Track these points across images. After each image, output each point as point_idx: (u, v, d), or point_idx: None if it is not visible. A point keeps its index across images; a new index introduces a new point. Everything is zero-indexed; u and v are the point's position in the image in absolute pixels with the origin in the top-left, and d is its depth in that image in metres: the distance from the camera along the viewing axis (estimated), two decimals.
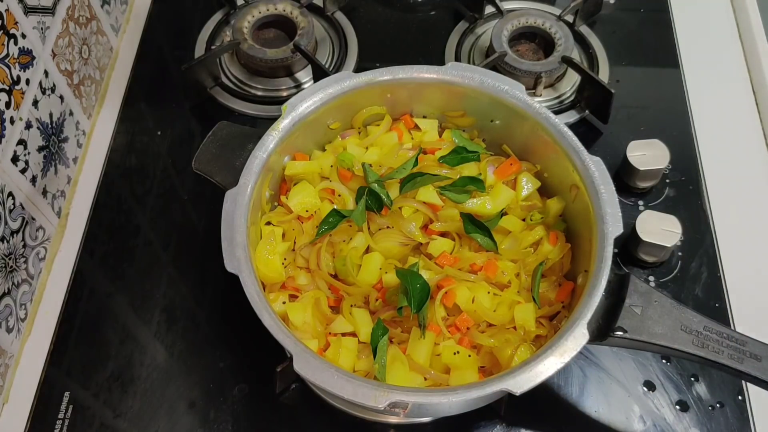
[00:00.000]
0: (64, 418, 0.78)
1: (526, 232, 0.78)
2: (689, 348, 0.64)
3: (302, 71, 1.04)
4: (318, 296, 0.74)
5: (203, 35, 1.08)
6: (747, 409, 0.78)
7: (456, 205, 0.78)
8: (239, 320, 0.80)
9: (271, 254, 0.74)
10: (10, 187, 0.79)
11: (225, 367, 0.81)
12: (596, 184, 0.71)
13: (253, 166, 0.73)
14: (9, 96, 0.78)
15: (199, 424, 0.78)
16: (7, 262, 0.78)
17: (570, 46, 1.00)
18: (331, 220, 0.75)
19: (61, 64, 0.90)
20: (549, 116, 0.76)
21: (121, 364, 0.81)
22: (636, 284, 0.67)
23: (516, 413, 0.77)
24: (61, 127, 0.91)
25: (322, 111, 0.79)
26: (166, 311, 0.85)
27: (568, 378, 0.80)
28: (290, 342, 0.63)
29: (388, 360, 0.69)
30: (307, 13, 1.04)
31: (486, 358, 0.71)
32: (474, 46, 1.08)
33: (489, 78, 0.78)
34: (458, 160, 0.80)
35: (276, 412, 0.78)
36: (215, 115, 0.98)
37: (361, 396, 0.61)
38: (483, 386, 0.62)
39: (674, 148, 0.90)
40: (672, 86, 1.03)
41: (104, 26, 1.04)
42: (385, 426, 0.78)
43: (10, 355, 0.80)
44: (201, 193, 0.94)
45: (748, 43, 1.07)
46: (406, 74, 0.80)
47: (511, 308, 0.73)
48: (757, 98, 1.02)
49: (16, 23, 0.79)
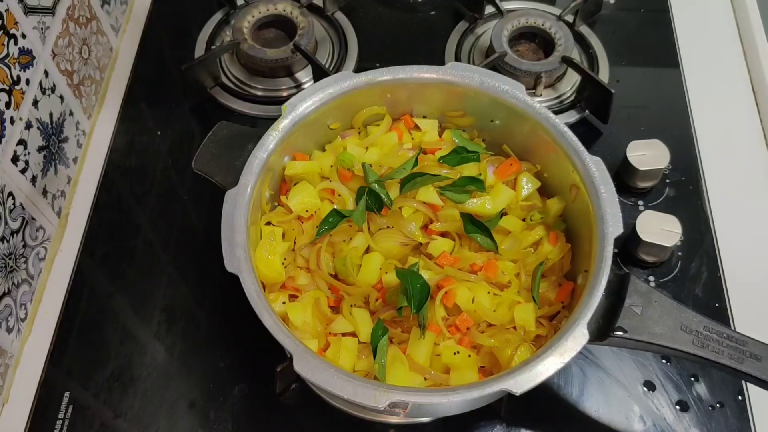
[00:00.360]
0: (64, 418, 0.78)
1: (526, 232, 0.78)
2: (689, 348, 0.64)
3: (302, 71, 1.04)
4: (318, 296, 0.74)
5: (203, 35, 1.08)
6: (747, 409, 0.78)
7: (456, 205, 0.78)
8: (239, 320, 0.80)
9: (271, 254, 0.74)
10: (10, 187, 0.79)
11: (225, 367, 0.81)
12: (596, 184, 0.71)
13: (253, 166, 0.73)
14: (9, 96, 0.78)
15: (199, 424, 0.78)
16: (7, 262, 0.78)
17: (570, 46, 1.00)
18: (331, 220, 0.75)
19: (61, 64, 0.90)
20: (549, 116, 0.76)
21: (121, 364, 0.81)
22: (636, 284, 0.67)
23: (516, 413, 0.77)
24: (61, 127, 0.91)
25: (322, 111, 0.79)
26: (166, 311, 0.85)
27: (568, 378, 0.80)
28: (290, 342, 0.63)
29: (388, 360, 0.69)
30: (307, 13, 1.04)
31: (486, 358, 0.71)
32: (474, 46, 1.08)
33: (489, 78, 0.78)
34: (458, 160, 0.80)
35: (276, 412, 0.78)
36: (215, 115, 0.98)
37: (361, 396, 0.61)
38: (483, 386, 0.62)
39: (674, 148, 0.90)
40: (672, 86, 1.03)
41: (104, 26, 1.04)
42: (385, 426, 0.78)
43: (10, 355, 0.80)
44: (201, 193, 0.94)
45: (748, 43, 1.07)
46: (406, 74, 0.80)
47: (511, 308, 0.73)
48: (757, 98, 1.02)
49: (16, 23, 0.79)
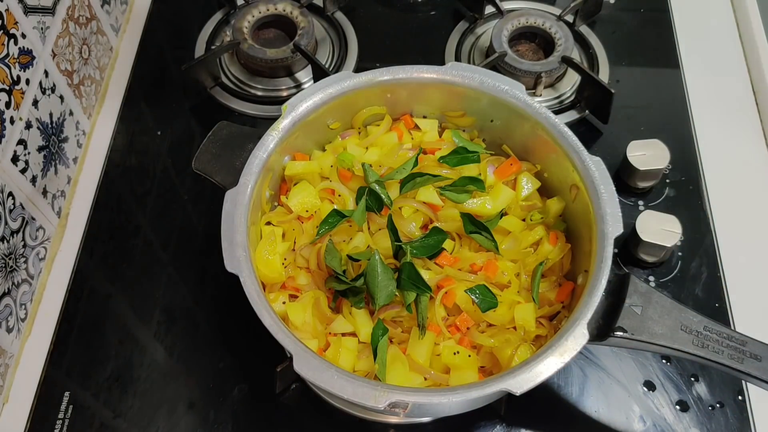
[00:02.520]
0: (64, 418, 0.78)
1: (526, 232, 0.78)
2: (689, 348, 0.64)
3: (302, 71, 1.04)
4: (318, 296, 0.74)
5: (203, 35, 1.08)
6: (747, 409, 0.78)
7: (456, 205, 0.78)
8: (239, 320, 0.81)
9: (271, 254, 0.74)
10: (10, 187, 0.79)
11: (225, 367, 0.81)
12: (596, 184, 0.71)
13: (253, 166, 0.73)
14: (9, 96, 0.78)
15: (199, 424, 0.78)
16: (7, 262, 0.78)
17: (570, 46, 1.00)
18: (331, 220, 0.75)
19: (61, 64, 0.90)
20: (549, 116, 0.76)
21: (120, 364, 0.81)
22: (636, 284, 0.67)
23: (516, 413, 0.77)
24: (61, 127, 0.91)
25: (322, 111, 0.79)
26: (165, 311, 0.85)
27: (568, 378, 0.80)
28: (290, 342, 0.63)
29: (388, 360, 0.69)
30: (307, 13, 1.04)
31: (486, 358, 0.71)
32: (474, 46, 1.08)
33: (489, 78, 0.78)
34: (458, 160, 0.80)
35: (276, 412, 0.78)
36: (215, 115, 0.98)
37: (361, 396, 0.61)
38: (483, 386, 0.62)
39: (674, 148, 0.91)
40: (672, 86, 1.03)
41: (104, 26, 1.04)
42: (385, 426, 0.78)
43: (10, 355, 0.80)
44: (201, 193, 0.94)
45: (748, 43, 1.07)
46: (406, 74, 0.80)
47: (511, 308, 0.73)
48: (757, 98, 1.02)
49: (16, 23, 0.79)
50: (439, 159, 0.80)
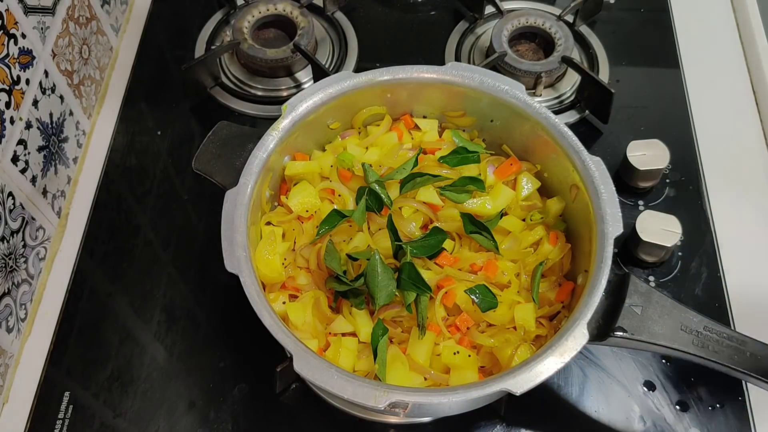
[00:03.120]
0: (64, 418, 0.78)
1: (526, 232, 0.78)
2: (689, 348, 0.64)
3: (302, 71, 1.04)
4: (318, 296, 0.74)
5: (203, 35, 1.08)
6: (747, 409, 0.78)
7: (456, 205, 0.78)
8: (239, 320, 0.81)
9: (271, 254, 0.74)
10: (10, 187, 0.79)
11: (225, 367, 0.81)
12: (596, 184, 0.71)
13: (253, 166, 0.73)
14: (9, 96, 0.78)
15: (199, 424, 0.78)
16: (7, 262, 0.78)
17: (570, 46, 1.00)
18: (331, 220, 0.75)
19: (61, 64, 0.90)
20: (549, 116, 0.76)
21: (121, 364, 0.81)
22: (636, 284, 0.67)
23: (516, 413, 0.77)
24: (61, 127, 0.91)
25: (322, 111, 0.79)
26: (166, 311, 0.85)
27: (568, 378, 0.80)
28: (290, 342, 0.63)
29: (388, 360, 0.69)
30: (307, 13, 1.04)
31: (486, 358, 0.71)
32: (474, 46, 1.08)
33: (489, 78, 0.78)
34: (458, 160, 0.80)
35: (276, 412, 0.78)
36: (215, 115, 0.98)
37: (361, 396, 0.61)
38: (483, 386, 0.62)
39: (674, 148, 0.91)
40: (672, 86, 1.03)
41: (104, 26, 1.04)
42: (385, 426, 0.78)
43: (10, 355, 0.80)
44: (201, 193, 0.94)
45: (748, 43, 1.07)
46: (406, 74, 0.80)
47: (511, 308, 0.73)
48: (757, 98, 1.02)
49: (16, 23, 0.79)
50: (439, 159, 0.80)
